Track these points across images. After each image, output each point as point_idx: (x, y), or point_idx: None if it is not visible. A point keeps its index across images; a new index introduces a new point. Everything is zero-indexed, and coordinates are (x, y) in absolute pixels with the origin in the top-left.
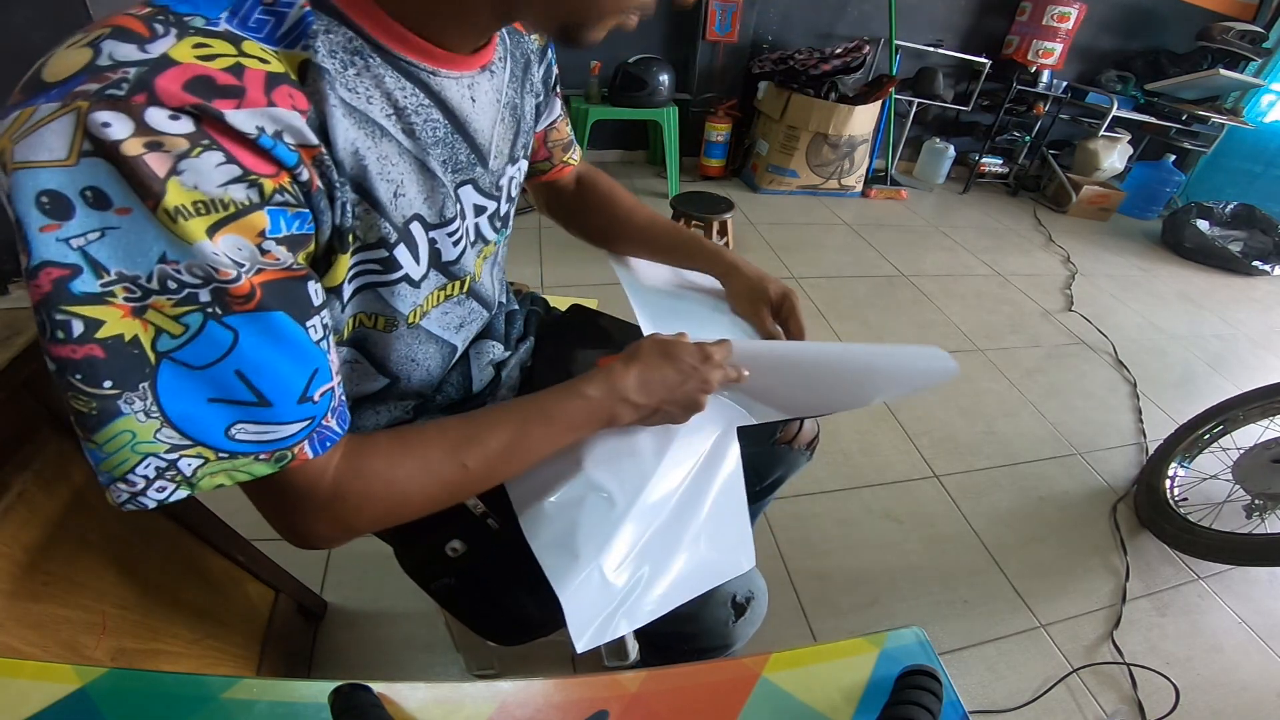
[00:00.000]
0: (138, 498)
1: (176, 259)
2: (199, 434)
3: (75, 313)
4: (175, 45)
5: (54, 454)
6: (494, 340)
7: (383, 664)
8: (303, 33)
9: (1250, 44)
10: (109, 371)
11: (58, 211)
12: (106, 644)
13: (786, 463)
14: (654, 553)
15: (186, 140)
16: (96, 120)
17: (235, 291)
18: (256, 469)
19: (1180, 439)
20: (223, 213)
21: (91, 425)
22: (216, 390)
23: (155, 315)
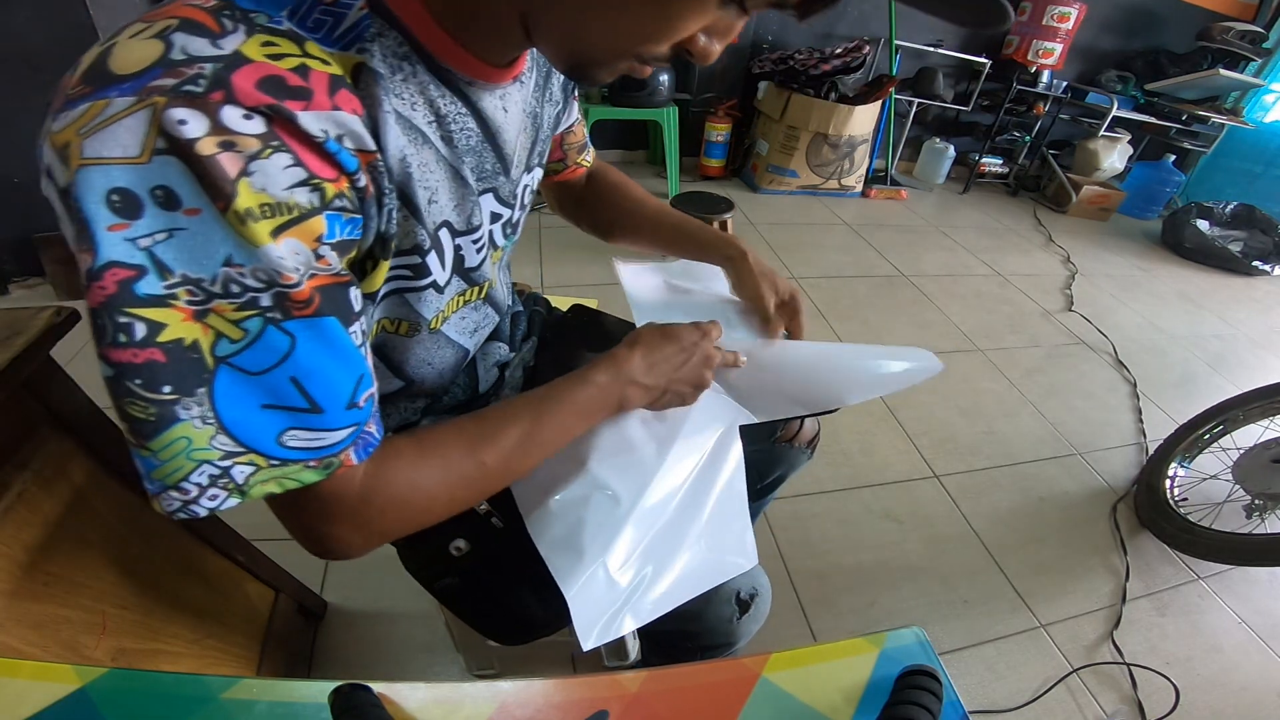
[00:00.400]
0: (190, 506)
1: (242, 262)
2: (252, 441)
3: (138, 315)
4: (245, 42)
5: (54, 454)
6: (500, 342)
7: (383, 664)
8: (359, 35)
9: (1250, 44)
10: (169, 376)
11: (128, 210)
12: (106, 644)
13: (787, 461)
14: (658, 551)
15: (258, 141)
16: (172, 118)
17: (295, 296)
18: (306, 476)
19: (1180, 439)
20: (287, 216)
21: (148, 432)
22: (270, 396)
23: (216, 319)
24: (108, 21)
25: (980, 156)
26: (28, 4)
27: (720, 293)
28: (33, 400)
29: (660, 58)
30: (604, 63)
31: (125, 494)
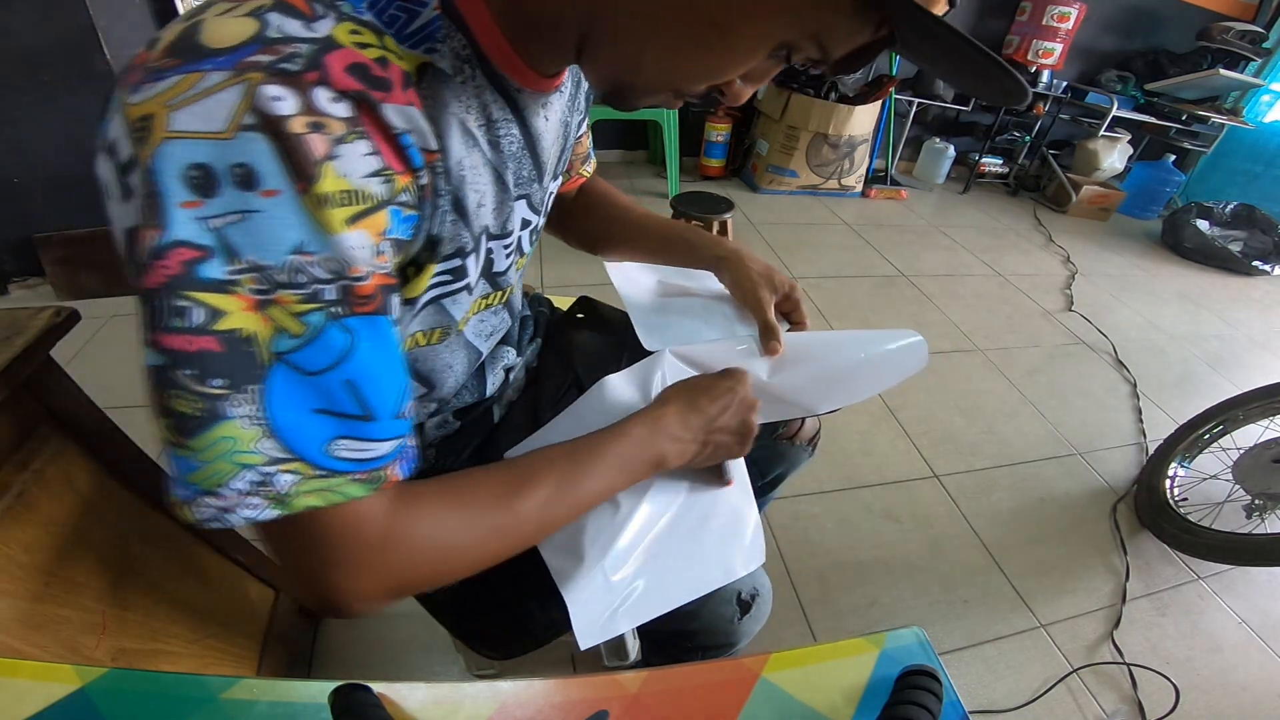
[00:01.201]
0: (225, 514)
1: (313, 250)
2: (299, 447)
3: (198, 299)
4: (335, 27)
5: (54, 454)
6: (509, 346)
7: (383, 664)
8: (430, 34)
9: (1250, 44)
10: (222, 368)
11: (204, 188)
12: (106, 644)
13: (788, 459)
14: (659, 551)
15: (344, 125)
16: (266, 94)
17: (360, 291)
18: (352, 490)
19: (1180, 439)
20: (361, 205)
21: (192, 429)
22: (323, 400)
23: (278, 311)
24: (108, 21)
25: (980, 156)
26: (28, 4)
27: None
28: (33, 400)
29: (697, 94)
30: (645, 93)
31: (125, 494)
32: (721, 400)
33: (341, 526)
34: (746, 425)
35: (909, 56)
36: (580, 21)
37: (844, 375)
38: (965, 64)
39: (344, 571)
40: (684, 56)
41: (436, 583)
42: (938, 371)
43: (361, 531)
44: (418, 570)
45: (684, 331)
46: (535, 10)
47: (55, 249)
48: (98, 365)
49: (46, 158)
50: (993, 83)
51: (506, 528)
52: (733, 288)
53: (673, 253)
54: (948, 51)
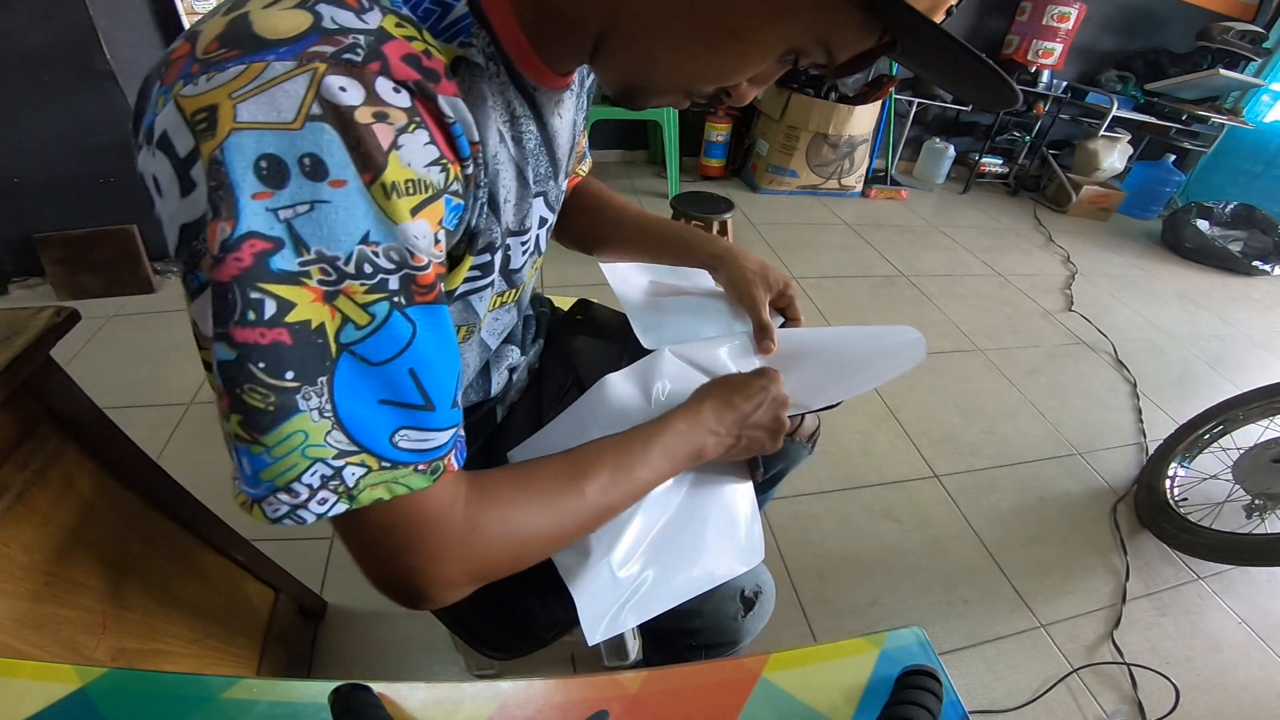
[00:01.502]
0: (298, 510)
1: (378, 240)
2: (366, 439)
3: (270, 291)
4: (384, 19)
5: (54, 454)
6: (513, 345)
7: (383, 664)
8: (462, 29)
9: (1250, 44)
10: (293, 360)
11: (274, 179)
12: (106, 644)
13: (788, 456)
14: (663, 547)
15: (405, 115)
16: (333, 84)
17: (422, 280)
18: (415, 481)
19: (1180, 439)
20: (424, 194)
21: (265, 424)
22: (388, 391)
23: (345, 302)
24: (108, 21)
25: (980, 156)
26: (28, 4)
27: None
28: (33, 400)
29: (705, 95)
30: (657, 93)
31: (125, 494)
32: (756, 398)
33: (424, 514)
34: (778, 421)
35: (908, 62)
36: (599, 22)
37: (839, 371)
38: (962, 70)
39: (431, 559)
40: (698, 59)
41: (517, 566)
42: (938, 371)
43: (445, 516)
44: (499, 555)
45: (681, 329)
46: (555, 10)
47: (55, 249)
48: (98, 365)
49: (46, 158)
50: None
51: (575, 511)
52: (727, 286)
53: (668, 252)
54: (946, 58)
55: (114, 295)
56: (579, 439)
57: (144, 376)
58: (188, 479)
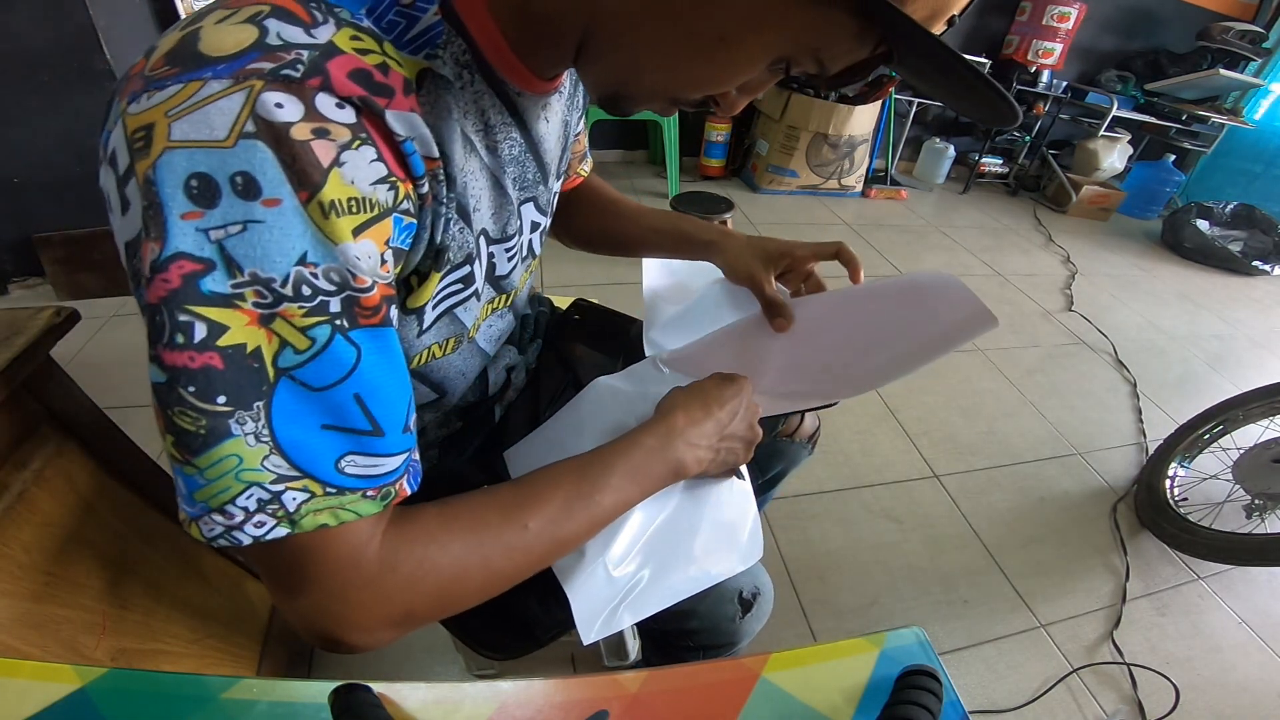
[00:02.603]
0: (233, 532)
1: (316, 261)
2: (308, 465)
3: (200, 314)
4: (336, 33)
5: (54, 454)
6: (511, 345)
7: (383, 664)
8: (430, 40)
9: (1250, 44)
10: (225, 385)
11: (204, 198)
12: (106, 644)
13: (788, 457)
14: (659, 546)
15: (349, 131)
16: (268, 101)
17: (365, 302)
18: (364, 508)
19: (1180, 439)
20: (369, 214)
21: (196, 446)
22: (332, 416)
23: (282, 325)
24: (107, 21)
25: (980, 156)
26: (28, 4)
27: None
28: (33, 400)
29: (692, 103)
30: (641, 100)
31: (125, 493)
32: (730, 405)
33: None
34: (753, 430)
35: (904, 74)
36: (580, 27)
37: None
38: (959, 84)
39: (344, 601)
40: (684, 66)
41: (446, 610)
42: (938, 372)
43: (357, 554)
44: (419, 597)
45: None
46: (538, 15)
47: (55, 249)
48: (98, 365)
49: (46, 158)
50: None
51: (515, 548)
52: (726, 271)
53: (666, 245)
54: (944, 71)
55: (114, 295)
56: (573, 439)
57: (144, 376)
58: None
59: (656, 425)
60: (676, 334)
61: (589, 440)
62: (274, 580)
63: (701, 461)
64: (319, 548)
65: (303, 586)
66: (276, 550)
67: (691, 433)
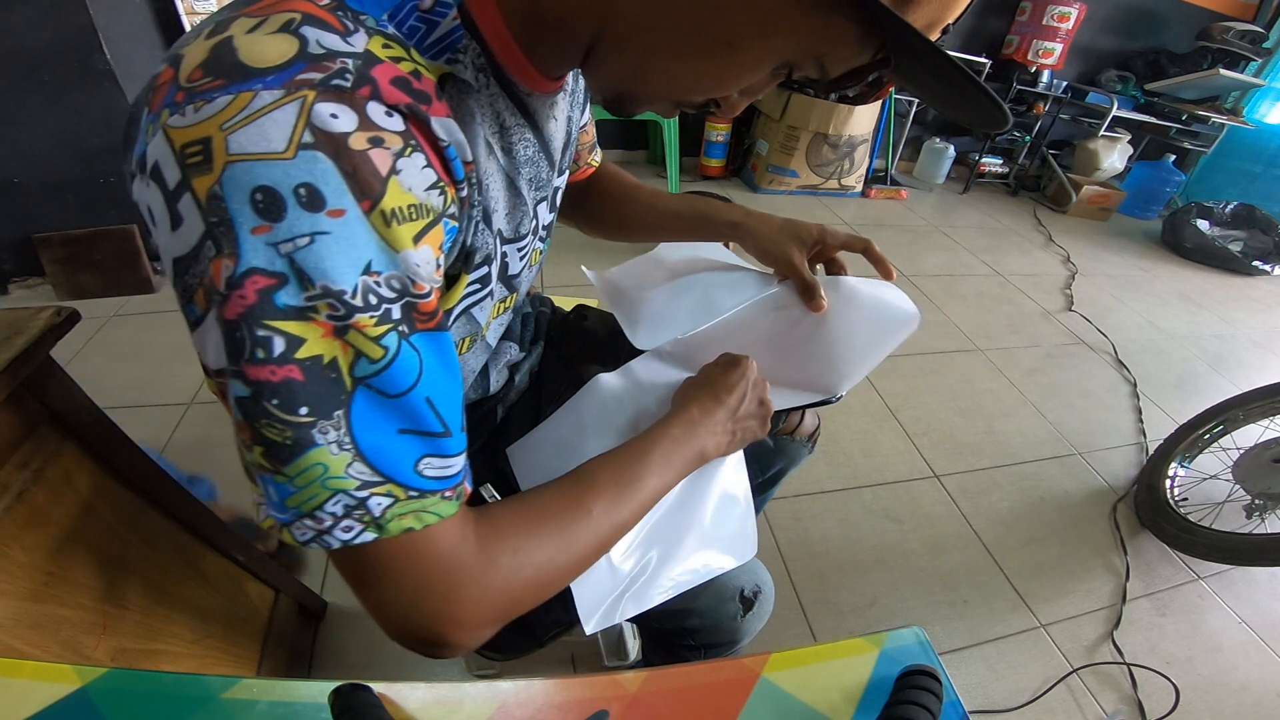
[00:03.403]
0: (323, 536)
1: (380, 270)
2: (390, 470)
3: (278, 328)
4: (369, 41)
5: (54, 454)
6: (511, 341)
7: (383, 664)
8: (451, 45)
9: (1250, 44)
10: (306, 396)
11: (270, 211)
12: (106, 644)
13: (788, 455)
14: (659, 539)
15: (400, 139)
16: (323, 112)
17: (424, 308)
18: (444, 509)
19: (1180, 439)
20: (426, 219)
21: (285, 456)
22: (408, 420)
23: (356, 337)
24: (108, 21)
25: (980, 156)
26: (28, 4)
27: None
28: (33, 400)
29: (695, 105)
30: (646, 101)
31: (125, 494)
32: (738, 389)
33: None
34: (765, 405)
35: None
36: (591, 29)
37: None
38: (953, 90)
39: (443, 600)
40: (690, 69)
41: (539, 597)
42: (938, 371)
43: (458, 550)
44: (518, 587)
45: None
46: (548, 17)
47: (55, 249)
48: (98, 365)
49: (46, 158)
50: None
51: (585, 532)
52: (755, 252)
53: (685, 228)
54: (939, 77)
55: (114, 295)
56: (574, 436)
57: (144, 376)
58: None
59: (677, 417)
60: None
61: (591, 436)
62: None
63: (721, 445)
64: (418, 553)
65: (414, 595)
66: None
67: (707, 422)
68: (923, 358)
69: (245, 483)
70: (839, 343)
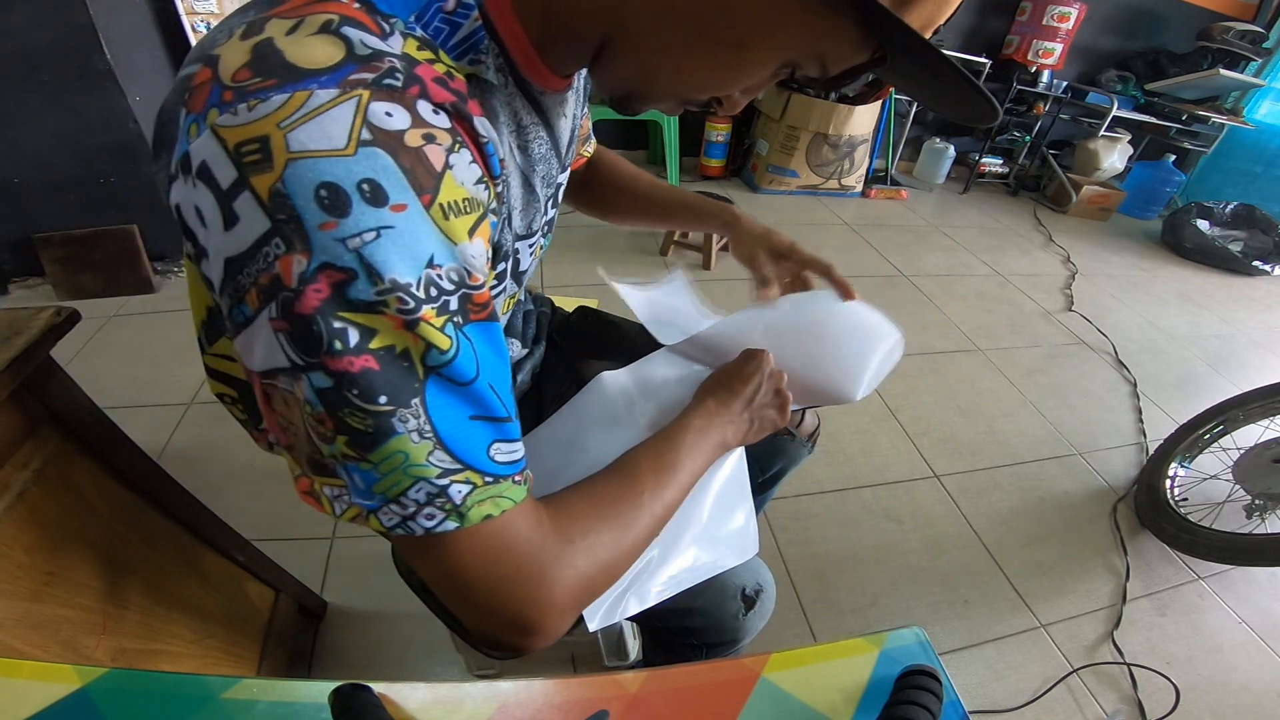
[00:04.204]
0: (408, 522)
1: (441, 263)
2: (467, 456)
3: (352, 320)
4: (405, 43)
5: (54, 454)
6: (513, 338)
7: (383, 664)
8: (474, 46)
9: (1250, 44)
10: (384, 385)
11: (336, 207)
12: (106, 644)
13: (788, 455)
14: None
15: (449, 135)
16: (379, 110)
17: (478, 299)
18: (516, 493)
19: (1180, 439)
20: (478, 212)
21: (368, 444)
22: (478, 407)
23: (425, 329)
24: (107, 21)
25: (980, 156)
26: (28, 4)
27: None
28: (33, 400)
29: (700, 103)
30: (652, 100)
31: (125, 494)
32: (753, 380)
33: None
34: (781, 395)
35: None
36: (603, 29)
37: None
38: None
39: (532, 584)
40: (699, 69)
41: (610, 580)
42: (938, 371)
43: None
44: (594, 568)
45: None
46: (560, 17)
47: (55, 249)
48: (98, 365)
49: (46, 158)
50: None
51: (640, 513)
52: (735, 248)
53: (678, 219)
54: (933, 75)
55: (114, 295)
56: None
57: (144, 376)
58: (188, 479)
59: (698, 410)
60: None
61: (593, 435)
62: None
63: (741, 433)
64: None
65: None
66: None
67: (724, 412)
68: (923, 358)
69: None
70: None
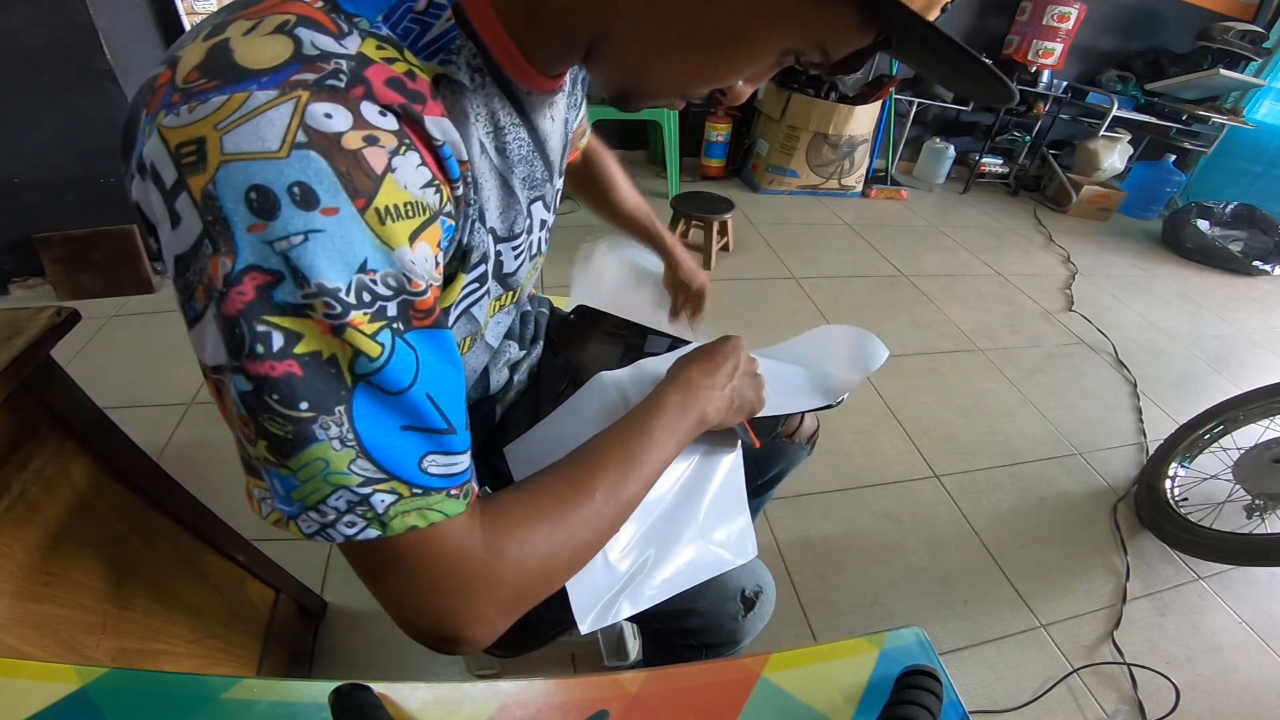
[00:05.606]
0: (327, 530)
1: (375, 267)
2: (393, 467)
3: (276, 324)
4: (363, 43)
5: (54, 454)
6: (511, 340)
7: (383, 664)
8: (445, 45)
9: (1250, 44)
10: (306, 392)
11: (265, 210)
12: (106, 644)
13: (787, 457)
14: (657, 539)
15: (394, 138)
16: (317, 111)
17: (420, 305)
18: (450, 507)
19: (1180, 439)
20: (422, 217)
21: (287, 450)
22: (410, 417)
23: (353, 335)
24: (108, 21)
25: (980, 156)
26: (28, 4)
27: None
28: (33, 400)
29: (700, 97)
30: (652, 97)
31: (125, 494)
32: (731, 357)
33: (444, 548)
34: (757, 378)
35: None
36: (591, 28)
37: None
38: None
39: (454, 595)
40: (695, 64)
41: (549, 587)
42: (938, 371)
43: (464, 546)
44: (526, 578)
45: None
46: (547, 16)
47: (55, 249)
48: (98, 365)
49: (46, 158)
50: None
51: (591, 516)
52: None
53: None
54: (942, 57)
55: (114, 295)
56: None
57: (144, 376)
58: (188, 479)
59: (675, 384)
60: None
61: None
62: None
63: (720, 409)
64: (425, 551)
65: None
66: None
67: (705, 383)
68: (923, 358)
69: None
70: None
